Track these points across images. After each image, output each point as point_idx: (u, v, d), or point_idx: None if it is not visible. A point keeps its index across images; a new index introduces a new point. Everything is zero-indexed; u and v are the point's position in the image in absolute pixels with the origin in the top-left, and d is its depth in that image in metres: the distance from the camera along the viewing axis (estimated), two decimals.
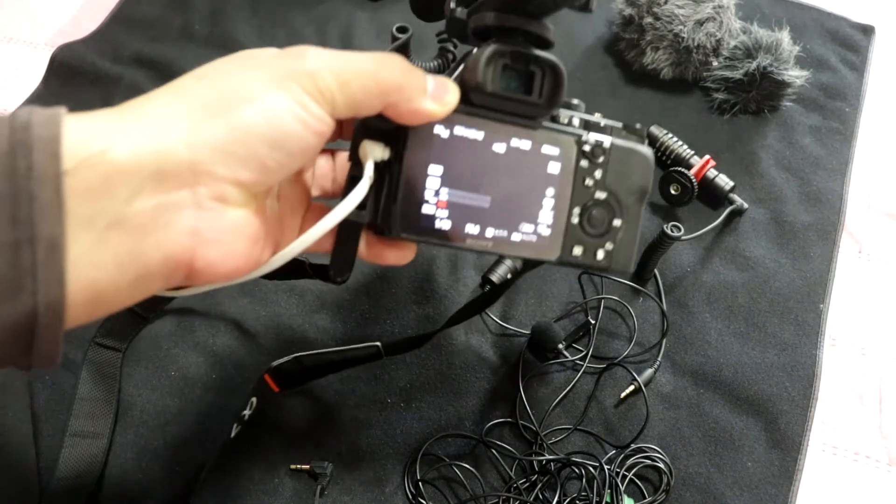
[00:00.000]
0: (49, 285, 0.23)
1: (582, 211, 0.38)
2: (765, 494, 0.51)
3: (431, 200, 0.35)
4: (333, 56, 0.28)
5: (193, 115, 0.26)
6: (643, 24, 0.73)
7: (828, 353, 0.59)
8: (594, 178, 0.38)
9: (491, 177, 0.36)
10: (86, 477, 0.48)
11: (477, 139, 0.35)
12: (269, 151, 0.27)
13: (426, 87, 0.31)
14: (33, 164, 0.23)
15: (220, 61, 0.28)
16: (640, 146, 0.39)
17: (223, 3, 0.81)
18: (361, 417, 0.53)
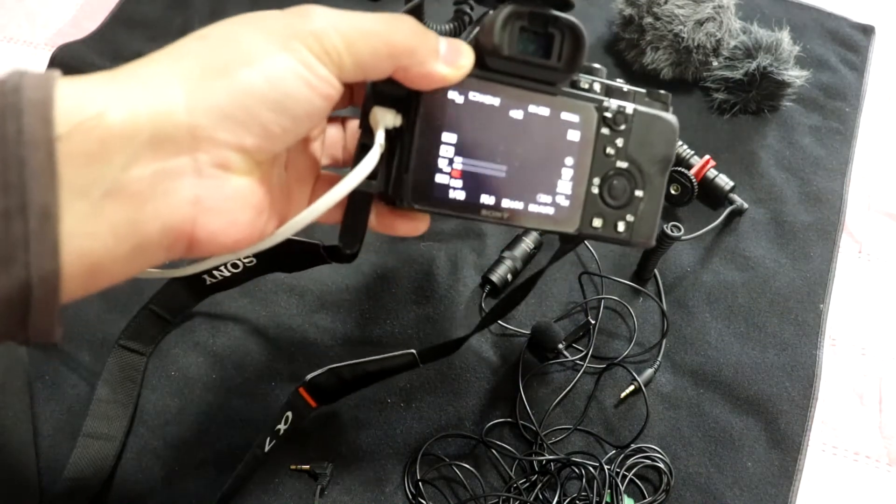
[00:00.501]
0: (42, 257, 0.22)
1: (602, 181, 0.37)
2: (765, 494, 0.51)
3: (445, 170, 0.33)
4: (340, 15, 0.27)
5: (192, 77, 0.24)
6: (643, 24, 0.73)
7: (828, 353, 0.59)
8: (616, 147, 0.36)
9: (507, 145, 0.34)
10: (92, 479, 0.48)
11: (493, 105, 0.34)
12: (273, 116, 0.26)
13: (439, 49, 0.29)
14: (23, 128, 0.21)
15: (224, 22, 0.26)
16: (665, 113, 0.37)
17: (223, 3, 0.81)
18: (361, 417, 0.53)
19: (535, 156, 0.35)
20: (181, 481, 0.49)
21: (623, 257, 0.63)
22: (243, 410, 0.52)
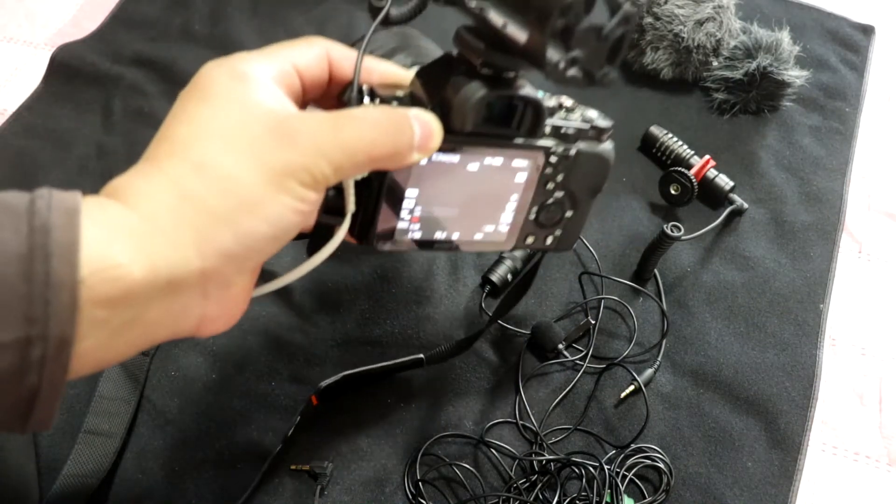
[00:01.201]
0: (54, 373, 0.24)
1: (539, 208, 0.41)
2: (765, 494, 0.51)
3: (406, 218, 0.37)
4: (325, 135, 0.29)
5: (201, 224, 0.27)
6: (643, 24, 0.73)
7: (828, 353, 0.59)
8: (556, 182, 0.40)
9: (462, 191, 0.38)
10: (92, 476, 0.48)
11: (453, 162, 0.36)
12: (272, 246, 0.29)
13: (414, 142, 0.31)
14: (51, 271, 0.23)
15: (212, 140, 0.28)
16: (604, 147, 0.41)
17: (223, 3, 0.81)
18: (361, 417, 0.53)
19: (485, 198, 0.39)
20: (181, 481, 0.49)
21: (623, 257, 0.63)
22: (243, 410, 0.52)
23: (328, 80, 0.35)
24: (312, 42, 0.34)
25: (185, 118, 0.29)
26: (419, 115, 0.32)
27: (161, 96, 0.72)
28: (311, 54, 0.33)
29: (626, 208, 0.66)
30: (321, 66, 0.34)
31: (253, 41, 0.78)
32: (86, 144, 0.68)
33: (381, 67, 0.35)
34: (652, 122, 0.70)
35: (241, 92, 0.29)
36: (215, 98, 0.29)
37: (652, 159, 0.70)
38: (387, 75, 0.35)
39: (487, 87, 0.33)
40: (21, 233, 0.24)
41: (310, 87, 0.34)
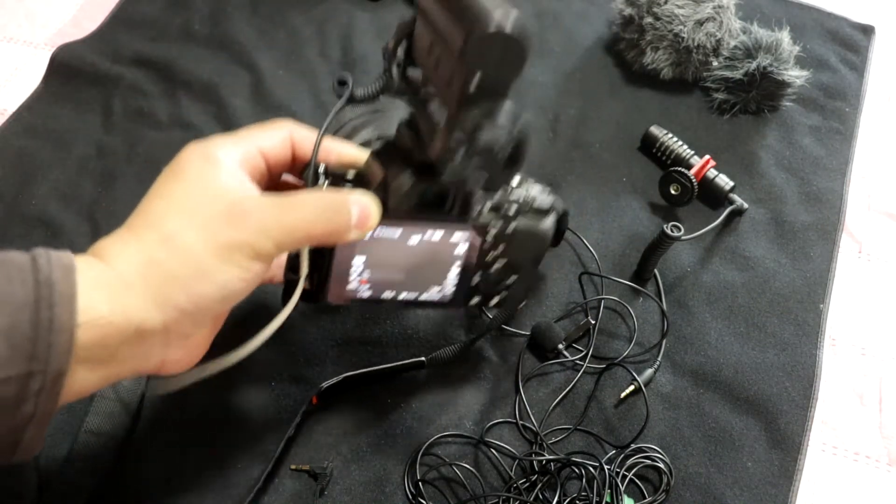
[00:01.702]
0: (48, 403, 0.30)
1: (483, 275, 0.45)
2: (765, 494, 0.51)
3: (355, 279, 0.42)
4: (270, 218, 0.34)
5: (163, 285, 0.33)
6: (643, 24, 0.73)
7: (828, 353, 0.59)
8: (496, 253, 0.44)
9: (406, 260, 0.42)
10: (91, 476, 0.48)
11: (394, 237, 0.41)
12: (220, 306, 0.35)
13: (351, 223, 0.36)
14: (54, 318, 0.29)
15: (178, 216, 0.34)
16: (542, 224, 0.44)
17: (223, 3, 0.81)
18: (361, 417, 0.53)
19: (428, 265, 0.43)
20: (181, 481, 0.49)
21: (623, 257, 0.63)
22: (243, 410, 0.52)
23: (292, 159, 0.40)
24: (278, 126, 0.40)
25: (161, 194, 0.35)
26: (358, 198, 0.37)
27: (161, 96, 0.73)
28: (275, 138, 0.39)
29: (626, 208, 0.66)
30: (284, 148, 0.40)
31: (253, 41, 0.78)
32: (86, 144, 0.68)
33: (338, 149, 0.41)
34: (652, 122, 0.71)
35: (208, 174, 0.35)
36: (187, 179, 0.35)
37: (652, 159, 0.70)
38: (343, 156, 0.41)
39: (416, 178, 0.37)
40: (28, 285, 0.29)
41: (274, 166, 0.39)
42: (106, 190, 0.65)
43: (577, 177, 0.68)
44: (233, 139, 0.38)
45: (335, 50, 0.78)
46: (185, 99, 0.72)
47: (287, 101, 0.72)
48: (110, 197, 0.64)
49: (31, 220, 0.62)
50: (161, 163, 0.72)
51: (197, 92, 0.73)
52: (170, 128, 0.70)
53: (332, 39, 0.79)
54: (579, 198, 0.67)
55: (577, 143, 0.71)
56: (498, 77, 0.32)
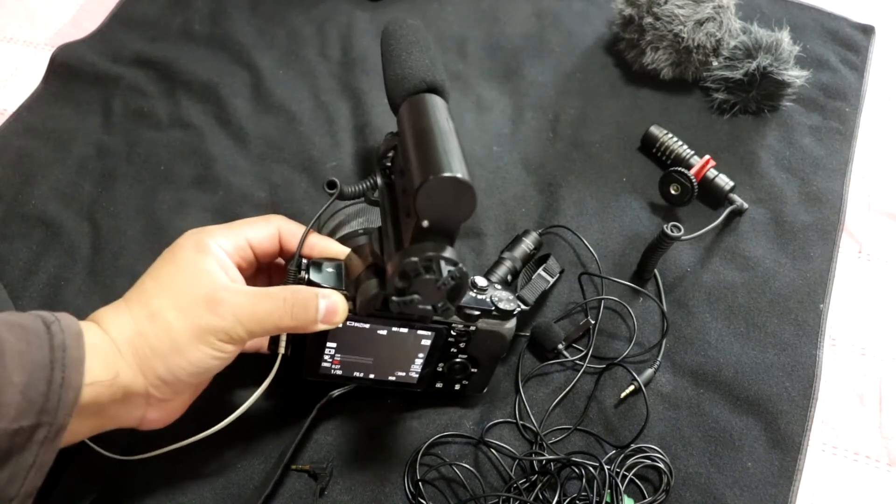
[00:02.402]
0: (47, 453, 0.34)
1: (446, 365, 0.49)
2: (765, 494, 0.51)
3: (328, 360, 0.47)
4: (243, 308, 0.39)
5: (146, 356, 0.38)
6: (643, 24, 0.73)
7: (828, 353, 0.59)
8: (458, 348, 0.48)
9: (375, 347, 0.46)
10: (92, 477, 0.48)
11: (364, 328, 0.45)
12: (194, 379, 0.40)
13: (317, 317, 0.41)
14: (66, 378, 0.34)
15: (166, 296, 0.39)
16: (503, 325, 0.47)
17: (223, 3, 0.81)
18: (361, 417, 0.53)
19: (395, 353, 0.47)
20: (181, 481, 0.49)
21: (623, 257, 0.63)
22: (246, 412, 0.52)
23: (279, 250, 0.45)
24: (269, 220, 0.45)
25: (155, 275, 0.41)
26: (328, 294, 0.41)
27: (161, 96, 0.73)
28: (264, 232, 0.44)
29: (626, 208, 0.66)
30: (272, 241, 0.45)
31: (253, 41, 0.78)
32: (86, 144, 0.68)
33: (321, 244, 0.45)
34: (652, 122, 0.71)
35: (198, 262, 0.40)
36: (178, 264, 0.40)
37: (652, 159, 0.70)
38: (326, 251, 0.45)
39: (382, 287, 0.40)
40: (44, 349, 0.34)
41: (261, 256, 0.45)
42: (106, 190, 0.65)
43: (577, 177, 0.68)
44: (225, 231, 0.43)
45: (335, 50, 0.78)
46: (185, 99, 0.72)
47: (287, 101, 0.72)
48: (110, 197, 0.64)
49: (31, 220, 0.62)
50: (161, 163, 0.72)
51: (197, 92, 0.73)
52: (170, 128, 0.70)
53: (332, 39, 0.79)
54: (579, 198, 0.67)
55: (577, 143, 0.71)
56: (446, 220, 0.36)
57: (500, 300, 0.47)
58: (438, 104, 0.41)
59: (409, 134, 0.38)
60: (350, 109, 0.72)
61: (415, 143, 0.37)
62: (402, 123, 0.40)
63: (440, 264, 0.37)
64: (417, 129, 0.38)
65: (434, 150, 0.36)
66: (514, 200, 0.67)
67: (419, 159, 0.36)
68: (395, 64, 0.44)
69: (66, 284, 0.58)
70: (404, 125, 0.40)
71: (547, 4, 0.85)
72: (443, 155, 0.35)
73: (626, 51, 0.77)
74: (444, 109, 0.41)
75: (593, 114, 0.74)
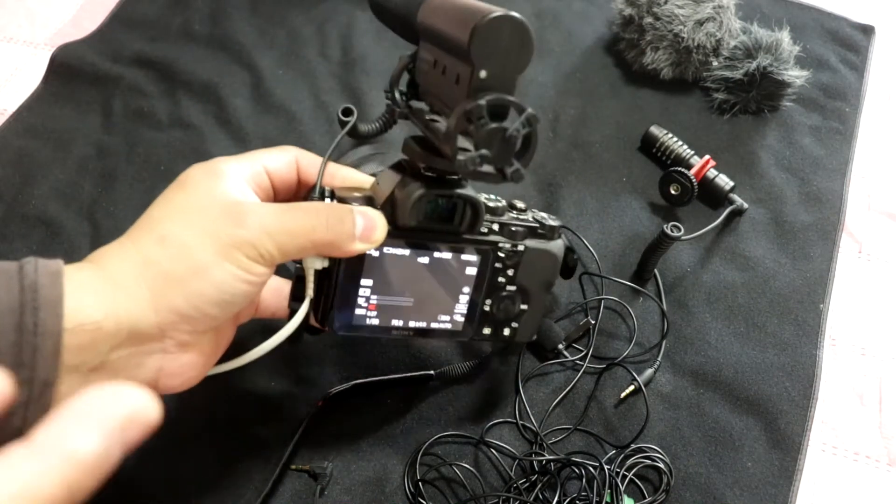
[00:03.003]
0: (36, 415, 0.28)
1: (493, 301, 0.44)
2: (765, 494, 0.51)
3: (363, 305, 0.40)
4: (271, 218, 0.34)
5: (157, 286, 0.32)
6: (643, 24, 0.73)
7: (828, 353, 0.59)
8: (506, 276, 0.43)
9: (415, 283, 0.41)
10: None
11: (404, 255, 0.40)
12: (219, 311, 0.34)
13: (355, 232, 0.35)
14: (39, 322, 0.28)
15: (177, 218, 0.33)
16: (552, 244, 0.44)
17: (223, 3, 0.81)
18: (361, 417, 0.53)
19: (438, 288, 0.42)
20: (181, 481, 0.49)
21: (623, 257, 0.63)
22: (244, 410, 0.52)
23: (297, 183, 0.40)
24: (285, 149, 0.40)
25: (162, 203, 0.35)
26: (364, 210, 0.36)
27: (161, 96, 0.73)
28: (282, 160, 0.39)
29: (626, 208, 0.66)
30: (290, 170, 0.39)
31: (253, 41, 0.78)
32: (86, 144, 0.68)
33: (342, 172, 0.41)
34: (652, 122, 0.71)
35: (211, 183, 0.35)
36: (189, 188, 0.35)
37: (652, 159, 0.70)
38: (348, 180, 0.40)
39: (426, 187, 0.37)
40: (13, 291, 0.28)
41: (279, 187, 0.39)
42: (106, 190, 0.65)
43: (577, 177, 0.68)
44: (238, 158, 0.38)
45: (335, 50, 0.78)
46: (185, 99, 0.72)
47: (287, 101, 0.72)
48: (110, 197, 0.64)
49: (31, 220, 0.62)
50: (161, 163, 0.72)
51: (197, 92, 0.73)
52: (170, 128, 0.70)
53: (332, 39, 0.79)
54: (579, 198, 0.67)
55: (577, 143, 0.71)
56: (505, 66, 0.33)
57: (544, 217, 0.43)
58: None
59: (440, 14, 0.34)
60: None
61: (451, 13, 0.33)
62: (427, 20, 0.35)
63: (508, 110, 0.33)
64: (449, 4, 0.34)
65: (477, 3, 0.32)
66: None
67: (465, 14, 0.32)
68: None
69: None
70: (430, 18, 0.35)
71: (547, 4, 0.85)
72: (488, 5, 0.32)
73: (626, 51, 0.77)
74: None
75: (593, 114, 0.74)
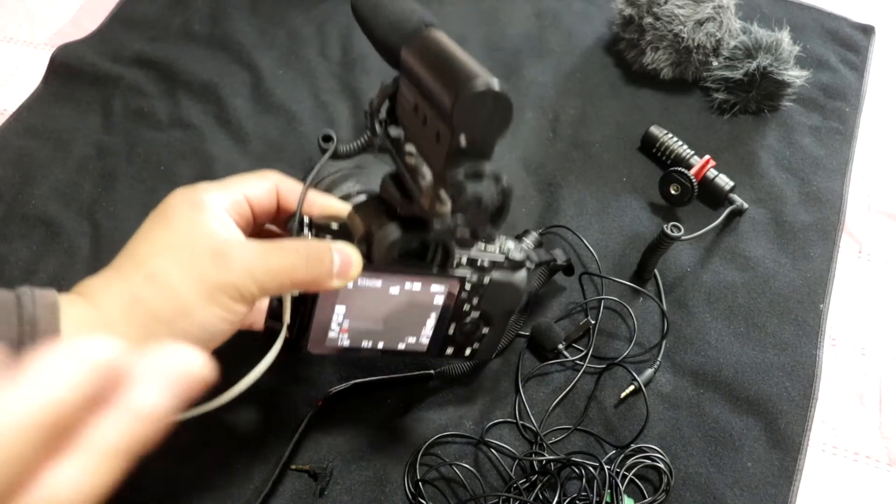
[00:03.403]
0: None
1: (457, 326, 0.46)
2: (765, 494, 0.51)
3: (336, 329, 0.43)
4: (254, 260, 0.35)
5: (146, 323, 0.33)
6: (643, 24, 0.73)
7: (828, 353, 0.59)
8: (471, 304, 0.46)
9: (385, 311, 0.44)
10: None
11: (376, 286, 0.42)
12: (201, 347, 0.34)
13: (333, 270, 0.37)
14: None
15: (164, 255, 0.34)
16: (516, 277, 0.45)
17: (223, 3, 0.81)
18: (361, 418, 0.53)
19: (407, 315, 0.44)
20: (181, 481, 0.49)
21: (623, 257, 0.63)
22: (243, 410, 0.52)
23: (276, 209, 0.41)
24: (265, 176, 0.41)
25: (147, 238, 0.35)
26: (341, 248, 0.37)
27: (161, 96, 0.73)
28: (262, 188, 0.40)
29: (626, 208, 0.66)
30: (270, 197, 0.40)
31: (253, 41, 0.78)
32: (86, 144, 0.68)
33: (321, 201, 0.42)
34: (652, 122, 0.71)
35: (194, 218, 0.35)
36: (173, 223, 0.35)
37: (652, 159, 0.70)
38: (326, 208, 0.41)
39: (402, 230, 0.38)
40: (12, 324, 0.29)
41: (259, 214, 0.40)
42: (106, 190, 0.65)
43: (577, 177, 0.68)
44: (220, 186, 0.38)
45: (335, 50, 0.78)
46: (185, 99, 0.72)
47: (287, 101, 0.72)
48: (110, 197, 0.64)
49: (31, 220, 0.62)
50: (161, 163, 0.72)
51: (197, 92, 0.73)
52: (170, 128, 0.70)
53: (332, 39, 0.79)
54: (579, 198, 0.67)
55: (577, 143, 0.71)
56: (484, 135, 0.34)
57: (510, 250, 0.45)
58: (445, 35, 0.37)
59: (424, 64, 0.35)
60: (350, 109, 0.72)
61: (435, 67, 0.34)
62: (411, 61, 0.36)
63: (484, 181, 0.34)
64: (434, 55, 0.35)
65: (461, 63, 0.33)
66: (514, 200, 0.66)
67: (447, 76, 0.33)
68: (383, 14, 0.40)
69: (66, 284, 0.58)
70: (414, 62, 0.36)
71: (547, 4, 0.85)
72: (473, 66, 0.32)
73: (626, 51, 0.77)
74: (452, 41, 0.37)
75: (593, 114, 0.74)
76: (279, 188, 0.41)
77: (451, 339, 0.47)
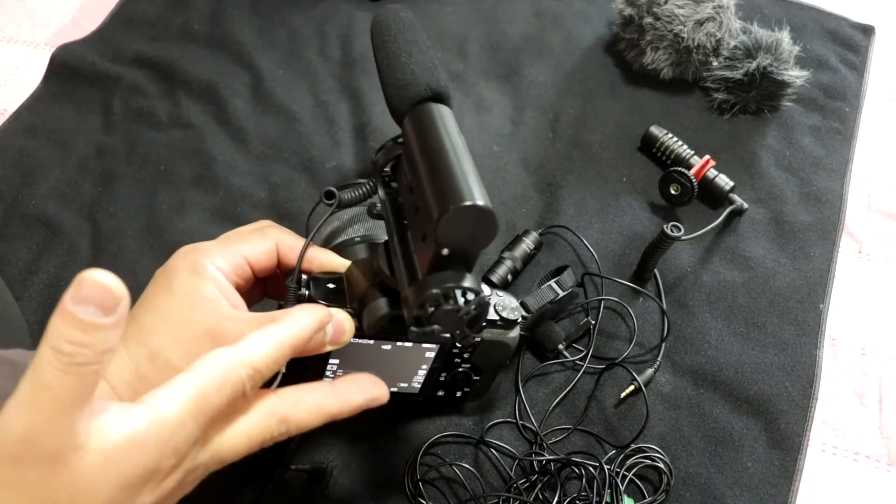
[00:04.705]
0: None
1: (448, 375, 0.48)
2: (765, 494, 0.51)
3: (329, 377, 0.45)
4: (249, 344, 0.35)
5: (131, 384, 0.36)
6: (643, 24, 0.73)
7: (828, 353, 0.59)
8: (462, 358, 0.47)
9: (378, 362, 0.45)
10: None
11: (368, 344, 0.44)
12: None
13: (326, 339, 0.38)
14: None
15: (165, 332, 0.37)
16: (508, 336, 0.47)
17: (223, 3, 0.81)
18: (361, 417, 0.53)
19: (398, 367, 0.46)
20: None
21: (623, 257, 0.63)
22: None
23: (277, 264, 0.43)
24: (265, 234, 0.42)
25: (152, 306, 0.38)
26: (334, 315, 0.39)
27: (161, 96, 0.73)
28: (261, 248, 0.42)
29: (626, 208, 0.66)
30: (270, 257, 0.42)
31: (253, 41, 0.78)
32: (86, 144, 0.68)
33: (321, 257, 0.43)
34: (652, 122, 0.71)
35: (195, 288, 0.38)
36: (175, 292, 0.38)
37: (652, 159, 0.70)
38: (325, 264, 0.43)
39: (391, 306, 0.40)
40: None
41: (259, 272, 0.42)
42: (106, 190, 0.65)
43: (577, 177, 0.68)
44: (221, 249, 0.40)
45: (335, 50, 0.78)
46: (185, 99, 0.72)
47: (287, 101, 0.72)
48: (110, 197, 0.64)
49: (31, 220, 0.62)
50: (161, 163, 0.72)
51: (197, 92, 0.73)
52: (170, 128, 0.70)
53: (332, 39, 0.79)
54: (579, 198, 0.67)
55: (577, 143, 0.71)
56: (466, 249, 0.34)
57: (504, 308, 0.46)
58: (446, 116, 0.38)
59: (420, 152, 0.36)
60: (350, 109, 0.72)
61: (428, 166, 0.35)
62: (409, 137, 0.38)
63: (461, 294, 0.35)
64: (429, 148, 0.36)
65: (452, 174, 0.34)
66: (514, 200, 0.67)
67: (436, 186, 0.34)
68: (394, 68, 0.41)
69: (66, 284, 0.58)
70: (412, 140, 0.37)
71: (547, 4, 0.85)
72: (461, 181, 0.33)
73: (626, 51, 0.77)
74: (452, 121, 0.38)
75: (593, 114, 0.74)
76: (279, 245, 0.43)
77: (441, 384, 0.49)
